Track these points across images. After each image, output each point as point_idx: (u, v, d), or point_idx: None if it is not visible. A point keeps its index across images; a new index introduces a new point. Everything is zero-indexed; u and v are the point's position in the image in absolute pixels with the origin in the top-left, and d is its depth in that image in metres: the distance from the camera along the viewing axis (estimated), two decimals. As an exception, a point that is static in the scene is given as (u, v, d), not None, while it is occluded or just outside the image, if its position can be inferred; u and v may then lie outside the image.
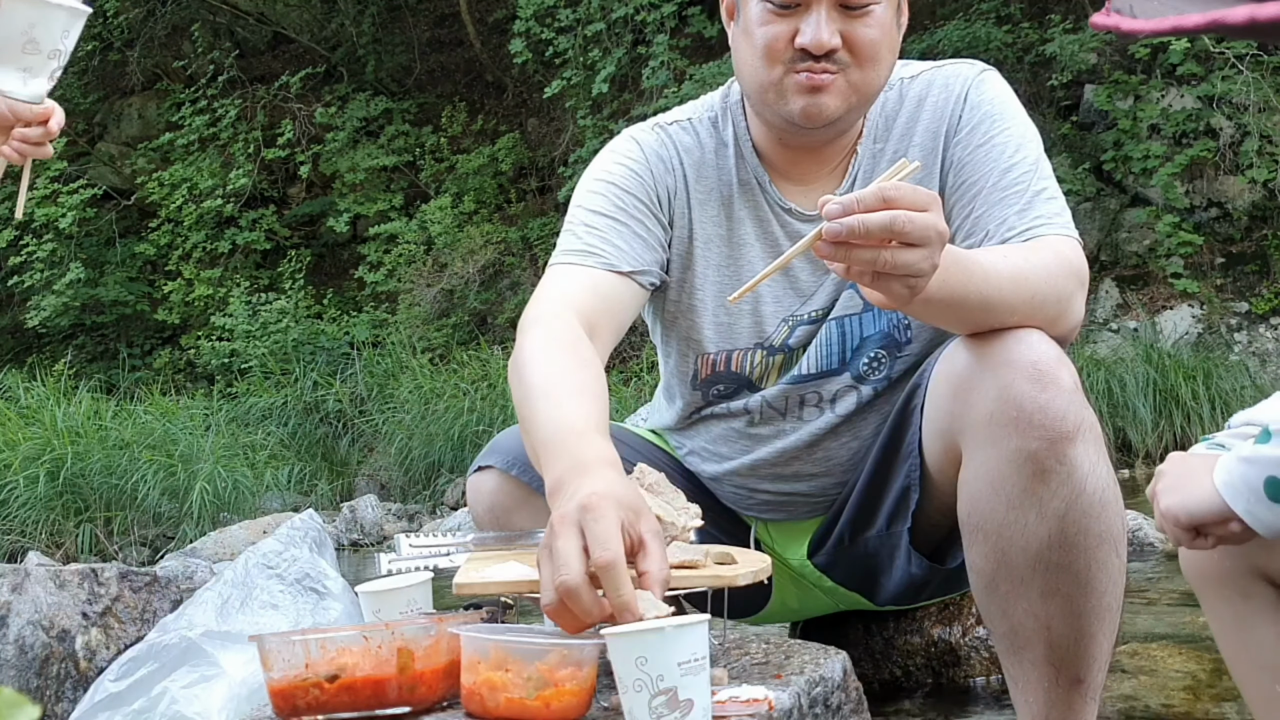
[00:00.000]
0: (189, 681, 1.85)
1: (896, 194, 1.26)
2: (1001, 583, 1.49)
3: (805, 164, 1.77)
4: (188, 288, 11.19)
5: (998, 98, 1.73)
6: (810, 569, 1.91)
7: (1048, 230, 1.59)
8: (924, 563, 1.75)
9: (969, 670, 2.10)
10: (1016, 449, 1.43)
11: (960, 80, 1.75)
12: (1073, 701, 1.50)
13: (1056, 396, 1.43)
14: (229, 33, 12.78)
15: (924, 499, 1.68)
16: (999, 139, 1.68)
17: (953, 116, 1.73)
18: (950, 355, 1.55)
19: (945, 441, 1.57)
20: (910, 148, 1.75)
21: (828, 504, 1.86)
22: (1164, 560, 3.75)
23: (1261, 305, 7.89)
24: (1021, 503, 1.45)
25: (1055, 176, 1.69)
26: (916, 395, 1.67)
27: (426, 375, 8.78)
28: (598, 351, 1.59)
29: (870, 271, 1.28)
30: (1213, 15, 0.72)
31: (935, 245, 1.28)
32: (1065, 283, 1.53)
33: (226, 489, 7.41)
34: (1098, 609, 1.48)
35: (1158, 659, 2.29)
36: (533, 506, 1.79)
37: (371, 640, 1.28)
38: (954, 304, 1.44)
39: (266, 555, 2.07)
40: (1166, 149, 8.09)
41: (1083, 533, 1.44)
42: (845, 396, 1.79)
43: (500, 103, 11.95)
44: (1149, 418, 6.99)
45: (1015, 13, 9.07)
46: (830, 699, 1.37)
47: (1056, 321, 1.52)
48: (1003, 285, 1.46)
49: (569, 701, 1.21)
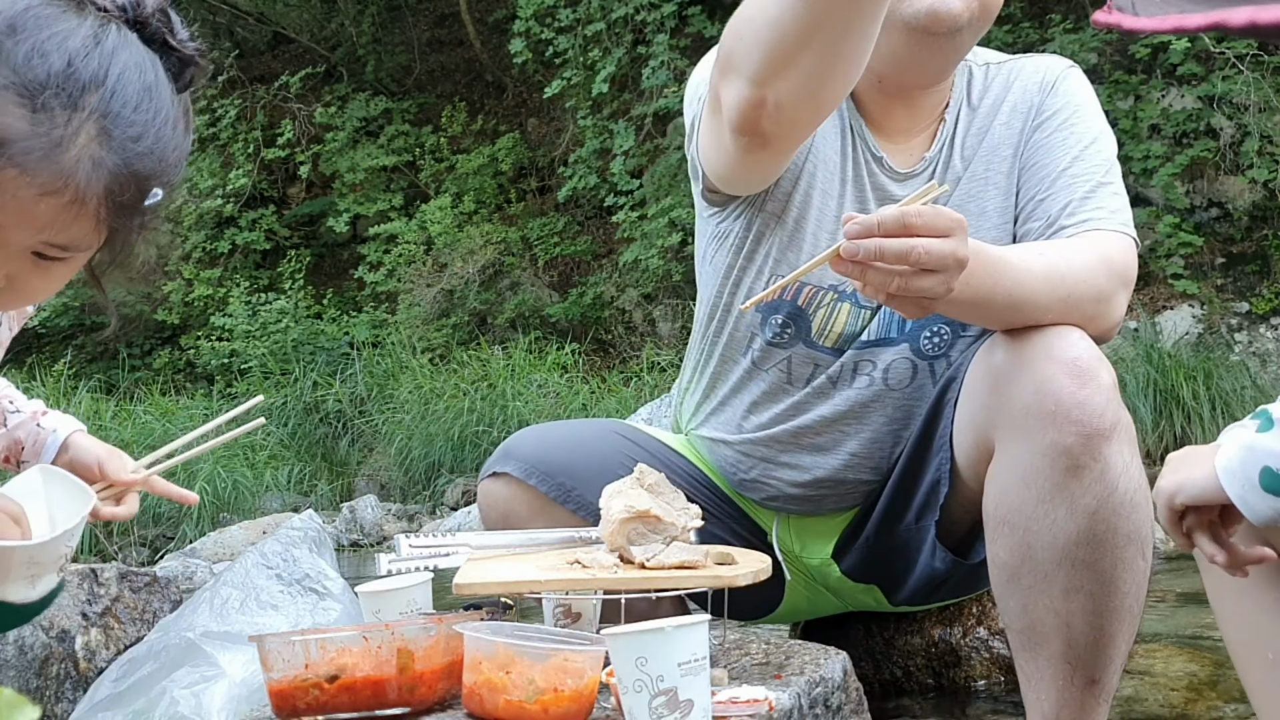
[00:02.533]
0: (189, 682, 1.85)
1: (918, 220, 1.27)
2: (1024, 576, 1.49)
3: (899, 116, 1.75)
4: (187, 288, 11.18)
5: (1083, 93, 1.76)
6: (831, 569, 1.89)
7: (1104, 225, 1.60)
8: (948, 556, 1.74)
9: (969, 671, 2.10)
10: (1052, 443, 1.44)
11: (1051, 70, 1.78)
12: (1085, 702, 1.50)
13: (1096, 393, 1.43)
14: (229, 32, 12.78)
15: (950, 493, 1.68)
16: (1079, 129, 1.70)
17: (1037, 99, 1.75)
18: (989, 349, 1.55)
19: (977, 435, 1.57)
20: (995, 125, 1.76)
21: (857, 496, 1.83)
22: (1166, 560, 3.75)
23: (1262, 305, 7.89)
24: (1052, 497, 1.45)
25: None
26: (951, 389, 1.67)
27: (426, 375, 8.77)
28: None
29: (884, 292, 1.30)
30: (1215, 16, 0.73)
31: (952, 271, 1.30)
32: (1105, 282, 1.54)
33: (226, 489, 7.40)
34: (1119, 610, 1.47)
35: (1158, 659, 2.29)
36: (549, 517, 1.77)
37: (371, 641, 1.28)
38: (979, 304, 1.45)
39: (266, 556, 2.07)
40: (1167, 149, 8.09)
41: (1112, 531, 1.44)
42: (899, 367, 1.76)
43: (500, 103, 11.94)
44: (1149, 418, 6.98)
45: (1015, 12, 9.06)
46: (830, 699, 1.37)
47: (1094, 320, 1.52)
48: (1035, 285, 1.47)
49: (568, 707, 1.20)
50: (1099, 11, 0.80)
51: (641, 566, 1.43)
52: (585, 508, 1.74)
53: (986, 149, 1.76)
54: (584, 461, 1.81)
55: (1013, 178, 1.74)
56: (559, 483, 1.78)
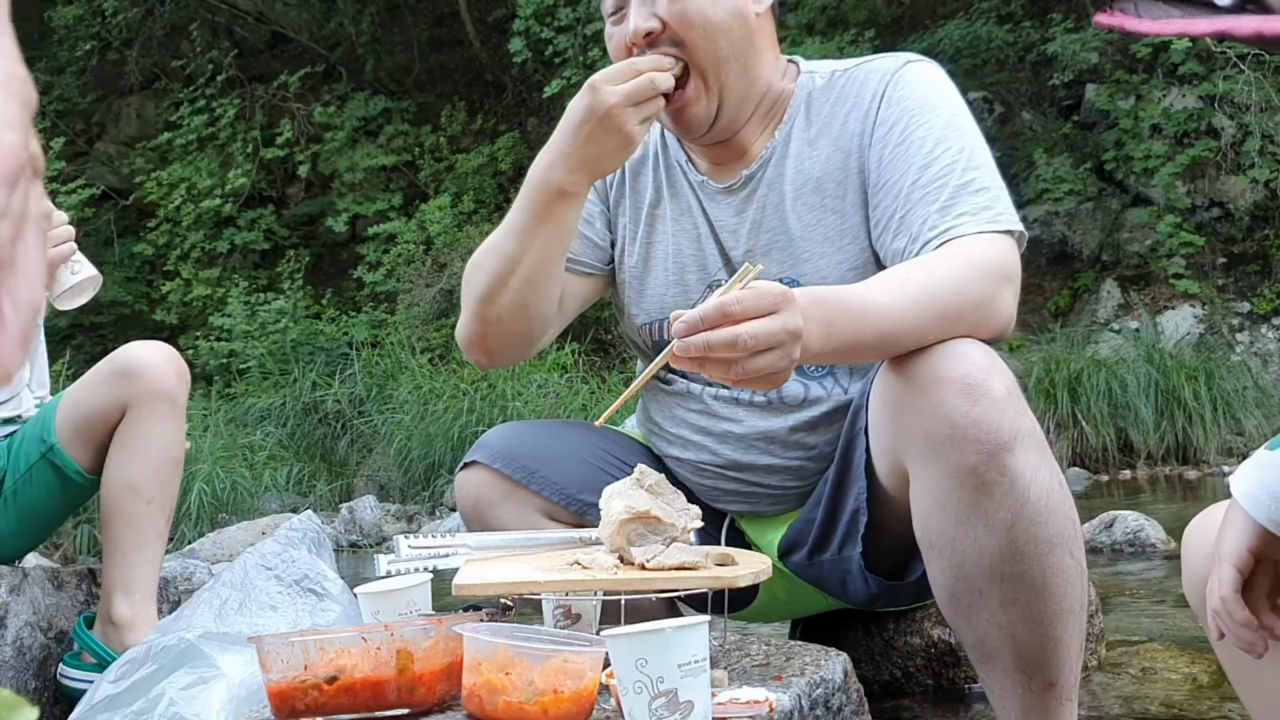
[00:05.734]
0: (187, 683, 1.84)
1: (737, 308, 1.28)
2: (962, 596, 1.49)
3: (718, 152, 1.84)
4: (186, 288, 11.18)
5: (917, 91, 1.71)
6: (781, 566, 1.90)
7: (969, 228, 1.56)
8: (881, 582, 1.75)
9: (969, 672, 2.10)
10: (955, 465, 1.42)
11: (879, 76, 1.75)
12: (1048, 705, 1.50)
13: (989, 408, 1.41)
14: (228, 32, 12.78)
15: (883, 516, 1.66)
16: (918, 134, 1.66)
17: (869, 115, 1.73)
18: (883, 376, 1.54)
19: (892, 460, 1.56)
20: (828, 148, 1.76)
21: (794, 498, 1.85)
22: (1164, 561, 3.75)
23: (1263, 305, 7.90)
24: (969, 517, 1.44)
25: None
26: (860, 416, 1.65)
27: (426, 376, 8.77)
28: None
29: (729, 379, 1.31)
30: (1221, 24, 0.73)
31: (788, 344, 1.31)
32: (981, 286, 1.50)
33: (225, 490, 7.40)
34: (1059, 613, 1.46)
35: (1159, 659, 2.29)
36: (516, 500, 1.84)
37: (370, 642, 1.28)
38: (849, 350, 1.44)
39: (265, 556, 2.06)
40: (1168, 149, 8.10)
41: (1032, 540, 1.43)
42: (788, 386, 1.77)
43: (500, 102, 11.95)
44: (1150, 418, 6.98)
45: (1016, 11, 9.07)
46: (831, 700, 1.36)
47: (980, 327, 1.50)
48: (905, 315, 1.44)
49: (567, 709, 1.20)
50: (1101, 13, 0.79)
51: (641, 567, 1.43)
52: (550, 488, 1.83)
53: (821, 172, 1.75)
54: (548, 447, 1.88)
55: (848, 199, 1.73)
56: (523, 465, 1.84)
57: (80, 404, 2.32)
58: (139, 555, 2.28)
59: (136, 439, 2.27)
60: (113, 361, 2.33)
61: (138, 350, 2.34)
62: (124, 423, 2.28)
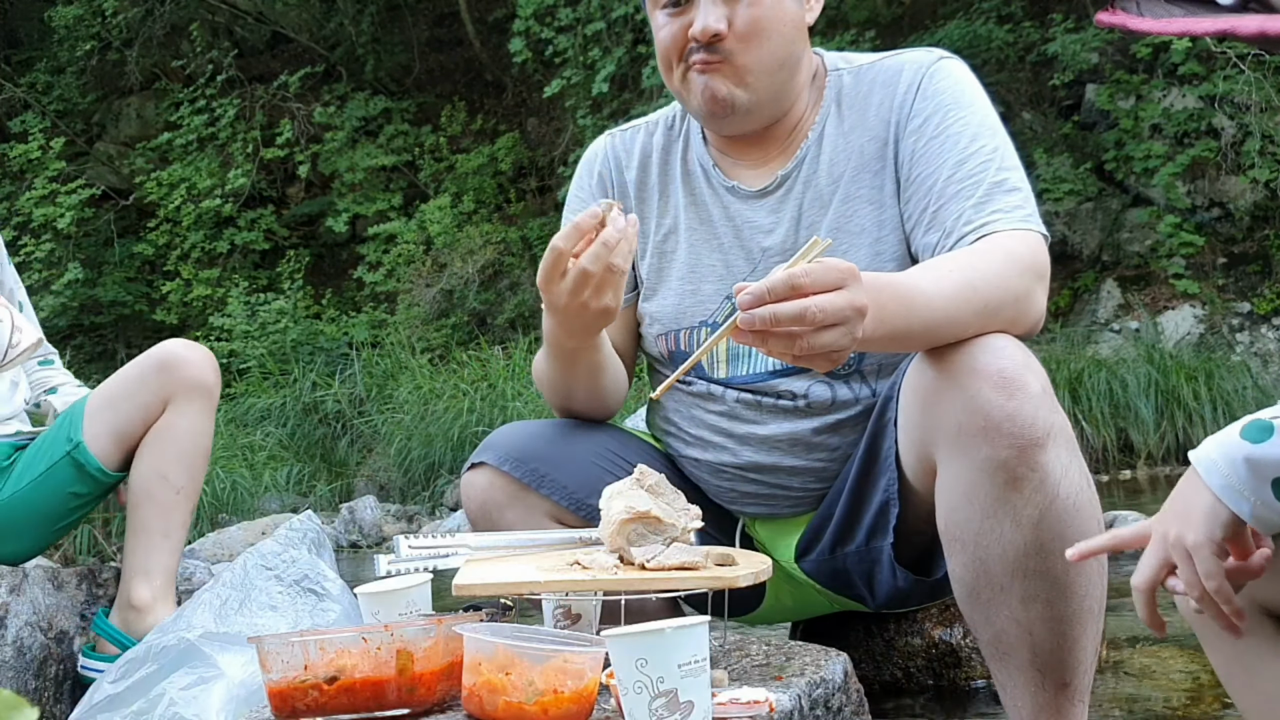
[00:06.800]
0: (187, 683, 1.84)
1: (806, 280, 1.27)
2: (982, 591, 1.49)
3: (752, 152, 1.84)
4: (186, 288, 11.18)
5: (954, 86, 1.72)
6: (799, 571, 1.90)
7: (1004, 225, 1.57)
8: (909, 576, 1.74)
9: (970, 672, 2.10)
10: (987, 458, 1.42)
11: (914, 68, 1.75)
12: (1060, 705, 1.50)
13: (1024, 403, 1.41)
14: (228, 32, 12.77)
15: (907, 510, 1.66)
16: (954, 129, 1.67)
17: (904, 106, 1.73)
18: (917, 367, 1.54)
19: (920, 452, 1.56)
20: (862, 138, 1.76)
21: (813, 500, 1.84)
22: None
23: (1263, 305, 7.89)
24: (996, 511, 1.44)
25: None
26: (890, 408, 1.65)
27: (426, 376, 8.76)
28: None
29: (790, 354, 1.30)
30: (1224, 24, 0.73)
31: (853, 321, 1.30)
32: (1018, 282, 1.52)
33: (225, 490, 7.40)
34: (1079, 613, 1.47)
35: (1159, 660, 2.28)
36: (525, 503, 1.81)
37: (370, 642, 1.28)
38: (898, 338, 1.43)
39: (265, 556, 2.06)
40: (1168, 149, 8.09)
41: (1059, 538, 1.43)
42: (815, 389, 1.78)
43: (500, 102, 11.94)
44: (1151, 418, 6.98)
45: (1017, 11, 9.06)
46: (831, 701, 1.36)
47: (1016, 322, 1.51)
48: (949, 306, 1.45)
49: (567, 709, 1.20)
50: (1103, 12, 0.79)
51: (641, 568, 1.42)
52: (560, 492, 1.80)
53: (856, 165, 1.76)
54: (557, 449, 1.85)
55: (885, 190, 1.73)
56: (532, 469, 1.82)
57: (117, 401, 2.34)
58: (164, 542, 2.32)
59: (172, 429, 2.32)
60: (152, 358, 2.36)
61: (175, 346, 2.39)
62: (163, 415, 2.32)
